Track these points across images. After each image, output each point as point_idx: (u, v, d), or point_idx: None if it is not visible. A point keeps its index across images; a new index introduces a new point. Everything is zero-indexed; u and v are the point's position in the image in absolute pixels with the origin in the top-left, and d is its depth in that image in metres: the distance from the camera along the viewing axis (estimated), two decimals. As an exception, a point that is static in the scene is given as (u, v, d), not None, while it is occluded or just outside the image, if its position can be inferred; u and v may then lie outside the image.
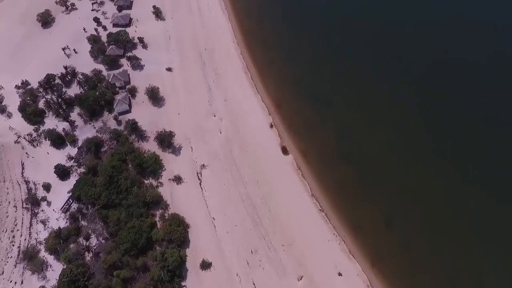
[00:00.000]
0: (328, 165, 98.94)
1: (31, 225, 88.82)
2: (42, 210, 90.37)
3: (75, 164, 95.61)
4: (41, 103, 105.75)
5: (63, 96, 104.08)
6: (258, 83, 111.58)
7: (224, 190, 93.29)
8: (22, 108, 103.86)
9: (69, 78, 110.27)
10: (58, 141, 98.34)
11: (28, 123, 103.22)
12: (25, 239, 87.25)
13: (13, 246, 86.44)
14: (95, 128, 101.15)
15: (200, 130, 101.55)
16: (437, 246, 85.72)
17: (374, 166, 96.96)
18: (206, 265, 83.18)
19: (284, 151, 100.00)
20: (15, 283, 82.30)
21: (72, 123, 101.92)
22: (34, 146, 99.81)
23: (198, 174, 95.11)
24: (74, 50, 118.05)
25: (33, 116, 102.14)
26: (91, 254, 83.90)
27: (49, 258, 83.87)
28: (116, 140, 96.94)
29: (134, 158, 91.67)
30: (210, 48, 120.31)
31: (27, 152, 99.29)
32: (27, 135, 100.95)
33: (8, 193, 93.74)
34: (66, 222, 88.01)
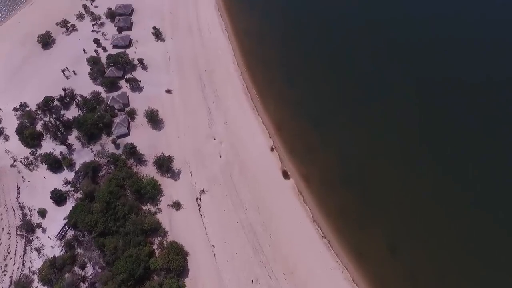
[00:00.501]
0: (330, 189, 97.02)
1: (24, 253, 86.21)
2: (37, 237, 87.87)
3: (72, 189, 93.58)
4: (39, 126, 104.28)
5: (61, 118, 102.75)
6: (258, 105, 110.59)
7: (224, 216, 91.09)
8: (20, 131, 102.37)
9: (67, 100, 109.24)
10: (55, 165, 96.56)
11: (25, 146, 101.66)
12: (18, 268, 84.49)
13: (4, 275, 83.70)
14: (93, 151, 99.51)
15: (199, 153, 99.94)
16: (443, 274, 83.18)
17: (377, 190, 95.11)
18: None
19: (285, 175, 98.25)
20: (6, 316, 79.42)
21: (69, 147, 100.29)
22: (30, 170, 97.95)
23: (197, 199, 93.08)
24: (74, 72, 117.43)
25: (30, 139, 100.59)
26: (86, 285, 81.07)
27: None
28: (114, 164, 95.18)
29: (132, 183, 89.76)
30: (210, 69, 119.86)
31: (23, 176, 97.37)
32: (23, 158, 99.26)
33: (2, 219, 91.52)
34: (62, 250, 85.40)
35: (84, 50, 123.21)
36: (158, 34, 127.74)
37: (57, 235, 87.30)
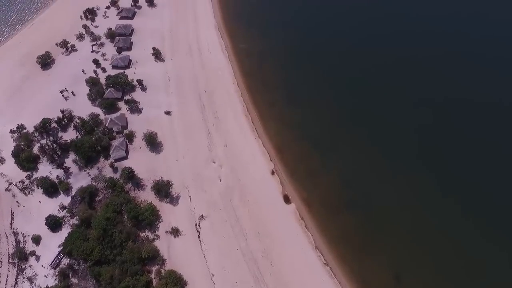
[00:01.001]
0: (332, 215, 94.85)
1: (16, 282, 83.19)
2: (30, 266, 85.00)
3: (68, 214, 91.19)
4: (35, 148, 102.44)
5: (58, 141, 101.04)
6: (259, 127, 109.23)
7: (224, 243, 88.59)
8: (16, 154, 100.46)
9: (65, 121, 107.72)
10: (51, 189, 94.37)
11: (21, 170, 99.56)
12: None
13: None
14: (90, 175, 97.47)
15: (199, 177, 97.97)
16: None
17: (380, 216, 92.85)
18: (204, 328, 77.43)
19: (286, 200, 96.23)
20: None
21: (66, 170, 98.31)
22: (25, 194, 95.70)
23: (196, 225, 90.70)
24: (72, 93, 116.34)
25: (26, 162, 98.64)
26: (80, 317, 78.11)
27: (34, 322, 78.09)
28: (112, 189, 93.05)
29: (130, 209, 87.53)
30: (210, 90, 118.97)
31: (18, 201, 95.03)
32: (19, 182, 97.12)
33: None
34: (55, 280, 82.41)
35: (83, 71, 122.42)
36: (157, 55, 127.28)
37: (51, 264, 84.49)
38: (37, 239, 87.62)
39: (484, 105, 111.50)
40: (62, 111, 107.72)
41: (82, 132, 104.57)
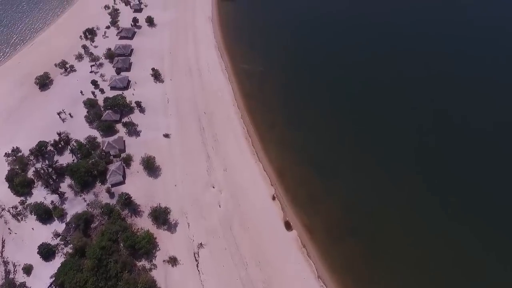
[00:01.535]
0: (335, 242, 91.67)
1: (5, 317, 79.48)
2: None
3: (62, 242, 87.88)
4: (30, 172, 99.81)
5: (54, 165, 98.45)
6: (259, 150, 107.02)
7: (223, 273, 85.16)
8: (10, 178, 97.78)
9: (62, 144, 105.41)
10: (45, 216, 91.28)
11: (14, 195, 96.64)
12: (-4, 335, 77.57)
13: None
14: (85, 201, 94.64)
15: (198, 203, 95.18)
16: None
17: (384, 243, 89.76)
18: None
19: (288, 226, 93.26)
20: None
21: (61, 195, 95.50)
22: (18, 220, 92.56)
23: (195, 254, 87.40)
24: (70, 115, 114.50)
25: (20, 187, 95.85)
26: None
27: None
28: (108, 215, 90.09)
29: (126, 238, 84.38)
30: (209, 111, 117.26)
31: (10, 228, 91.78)
32: (12, 208, 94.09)
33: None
34: (46, 313, 78.79)
35: (81, 92, 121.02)
36: (157, 75, 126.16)
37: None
38: (28, 269, 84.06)
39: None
40: (59, 134, 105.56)
41: (78, 155, 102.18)
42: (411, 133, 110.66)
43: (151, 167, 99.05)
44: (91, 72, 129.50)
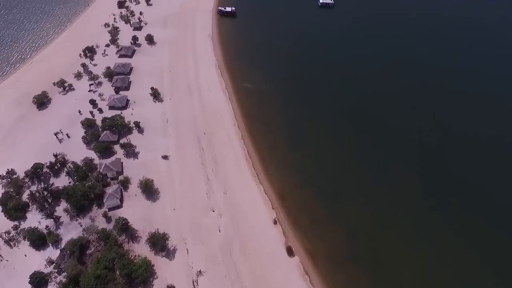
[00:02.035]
0: (338, 268, 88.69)
1: None
2: (10, 332, 77.71)
3: (55, 270, 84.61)
4: (25, 195, 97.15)
5: (49, 188, 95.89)
6: (260, 172, 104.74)
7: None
8: (3, 202, 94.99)
9: (58, 166, 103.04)
10: (39, 242, 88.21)
11: (7, 219, 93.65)
12: None
13: None
14: (81, 225, 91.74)
15: (197, 228, 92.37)
16: None
17: (389, 269, 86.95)
18: None
19: (290, 252, 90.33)
20: None
21: (57, 220, 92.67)
22: (10, 246, 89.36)
23: (194, 282, 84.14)
24: (67, 135, 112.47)
25: (14, 211, 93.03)
26: None
27: None
28: (104, 241, 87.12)
29: (123, 266, 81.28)
30: (209, 132, 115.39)
31: (1, 254, 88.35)
32: (4, 233, 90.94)
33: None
34: None
35: (79, 112, 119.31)
36: (156, 95, 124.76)
37: (33, 329, 77.28)
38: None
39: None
40: (55, 155, 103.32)
41: (75, 178, 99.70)
42: (417, 158, 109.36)
43: (149, 190, 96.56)
44: (89, 91, 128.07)
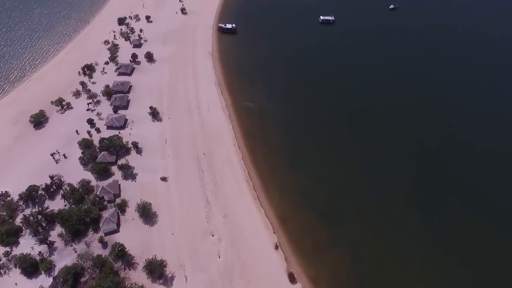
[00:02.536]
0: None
1: None
2: None
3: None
4: (19, 219, 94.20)
5: (44, 212, 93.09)
6: (261, 194, 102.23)
7: (223, 333, 78.45)
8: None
9: (54, 188, 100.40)
10: (31, 269, 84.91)
11: None
12: None
13: None
14: (76, 251, 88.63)
15: (196, 254, 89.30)
16: None
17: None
18: None
19: (292, 278, 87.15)
20: None
21: (50, 245, 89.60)
22: (1, 274, 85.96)
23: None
24: (64, 155, 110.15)
25: (6, 236, 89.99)
26: None
27: None
28: (100, 268, 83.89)
29: (117, 296, 78.02)
30: (209, 152, 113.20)
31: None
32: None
33: None
34: None
35: (77, 131, 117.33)
36: (155, 114, 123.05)
37: None
38: (10, 331, 77.07)
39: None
40: (51, 177, 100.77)
41: (71, 200, 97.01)
42: (423, 180, 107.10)
43: (147, 214, 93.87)
44: (88, 110, 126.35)
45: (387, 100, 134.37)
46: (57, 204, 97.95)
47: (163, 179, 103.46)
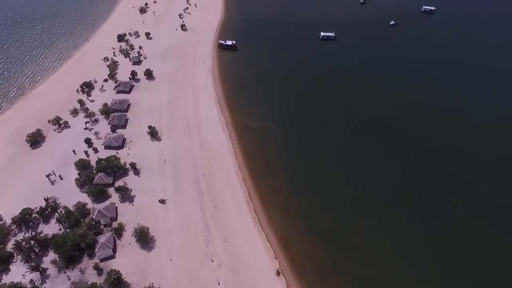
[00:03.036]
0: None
1: None
2: None
3: (37, 334, 77.45)
4: (10, 244, 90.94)
5: (37, 237, 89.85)
6: (262, 218, 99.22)
7: None
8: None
9: (49, 211, 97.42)
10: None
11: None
12: None
13: None
14: (69, 279, 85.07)
15: (195, 281, 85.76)
16: None
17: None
18: None
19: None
20: None
21: (43, 272, 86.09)
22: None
23: None
24: (60, 176, 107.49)
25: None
26: None
27: None
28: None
29: (112, 328, 74.36)
30: (208, 173, 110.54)
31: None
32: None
33: None
34: None
35: (74, 151, 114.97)
36: (153, 133, 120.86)
37: None
38: None
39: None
40: (46, 199, 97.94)
41: (66, 224, 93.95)
42: (430, 204, 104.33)
43: (144, 239, 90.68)
44: (85, 129, 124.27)
45: (393, 120, 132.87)
46: (51, 228, 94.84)
47: (162, 201, 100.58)
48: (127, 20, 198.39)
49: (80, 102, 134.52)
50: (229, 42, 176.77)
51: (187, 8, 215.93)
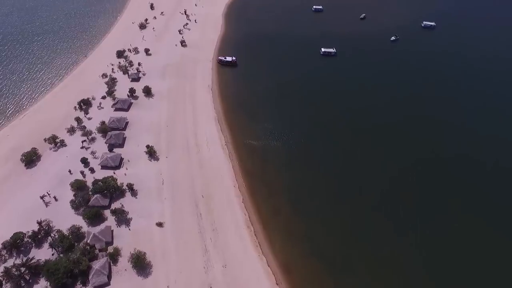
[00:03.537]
0: None
1: None
2: None
3: None
4: (0, 270, 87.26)
5: (28, 263, 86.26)
6: (263, 242, 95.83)
7: None
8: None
9: (42, 235, 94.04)
10: (9, 332, 77.40)
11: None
12: None
13: None
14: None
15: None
16: None
17: None
18: None
19: (298, 339, 79.44)
20: None
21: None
22: (-22, 336, 78.40)
23: None
24: (55, 198, 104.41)
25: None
26: None
27: None
28: (86, 330, 76.42)
29: None
30: (208, 194, 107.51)
31: None
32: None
33: None
34: None
35: (69, 171, 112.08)
36: (151, 153, 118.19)
37: None
38: None
39: None
40: (39, 223, 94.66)
41: (59, 249, 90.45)
42: (434, 226, 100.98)
43: (141, 264, 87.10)
44: (82, 147, 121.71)
45: (396, 135, 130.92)
46: (44, 253, 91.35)
47: (159, 224, 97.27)
48: (126, 36, 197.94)
49: (78, 120, 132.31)
50: (229, 58, 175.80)
51: (187, 24, 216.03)
